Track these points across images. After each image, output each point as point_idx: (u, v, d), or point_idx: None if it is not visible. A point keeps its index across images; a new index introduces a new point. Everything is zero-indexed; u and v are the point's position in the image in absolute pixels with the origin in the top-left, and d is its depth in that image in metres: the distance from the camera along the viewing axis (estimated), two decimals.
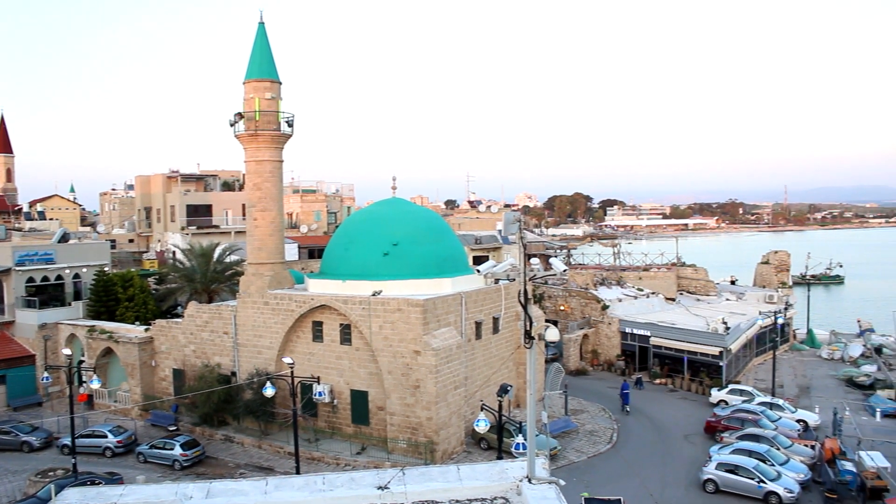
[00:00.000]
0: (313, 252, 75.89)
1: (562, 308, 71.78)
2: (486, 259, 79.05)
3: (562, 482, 17.08)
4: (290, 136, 50.27)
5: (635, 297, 74.65)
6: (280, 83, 49.79)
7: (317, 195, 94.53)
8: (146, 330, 55.52)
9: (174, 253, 73.47)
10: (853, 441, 45.28)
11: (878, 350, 76.22)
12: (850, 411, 52.48)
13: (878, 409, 54.37)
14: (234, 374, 49.46)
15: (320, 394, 45.26)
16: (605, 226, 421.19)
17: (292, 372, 38.48)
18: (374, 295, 43.45)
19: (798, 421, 50.84)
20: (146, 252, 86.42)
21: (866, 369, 66.79)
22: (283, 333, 47.10)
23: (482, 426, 33.82)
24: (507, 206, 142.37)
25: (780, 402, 53.84)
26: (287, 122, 49.98)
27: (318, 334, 46.73)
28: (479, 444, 45.37)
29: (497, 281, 51.17)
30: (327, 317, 45.99)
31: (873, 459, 40.09)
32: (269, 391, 38.31)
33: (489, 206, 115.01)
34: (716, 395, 56.98)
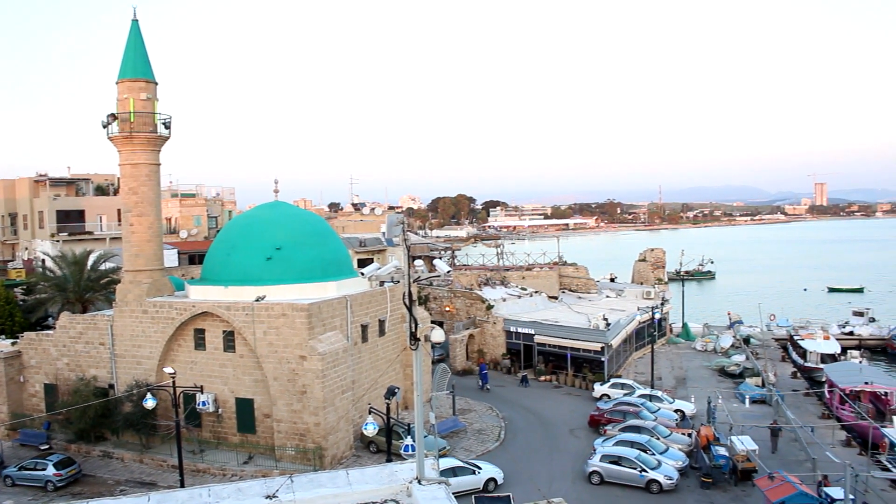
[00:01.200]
0: (194, 258, 73.72)
1: (447, 309, 72.31)
2: (370, 262, 78.60)
3: (451, 482, 17.19)
4: (168, 138, 48.62)
5: (519, 297, 75.97)
6: (156, 83, 48.12)
7: (196, 199, 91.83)
8: (13, 344, 52.50)
9: (43, 261, 69.91)
10: (726, 427, 47.60)
11: (747, 340, 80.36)
12: (722, 399, 55.06)
13: (747, 396, 57.43)
14: (111, 386, 47.40)
15: (204, 403, 43.99)
16: (489, 226, 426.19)
17: (174, 382, 37.27)
18: (257, 300, 42.59)
19: (676, 411, 52.96)
20: (12, 261, 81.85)
21: (736, 359, 70.29)
22: (164, 342, 45.51)
23: (371, 429, 33.67)
24: (391, 208, 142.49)
25: (659, 393, 55.93)
26: (164, 123, 48.31)
27: (200, 342, 45.39)
28: (369, 448, 45.15)
29: (382, 283, 51.05)
30: (210, 324, 44.75)
31: (743, 443, 42.47)
32: (149, 403, 36.96)
33: (373, 209, 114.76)
34: (599, 389, 58.65)
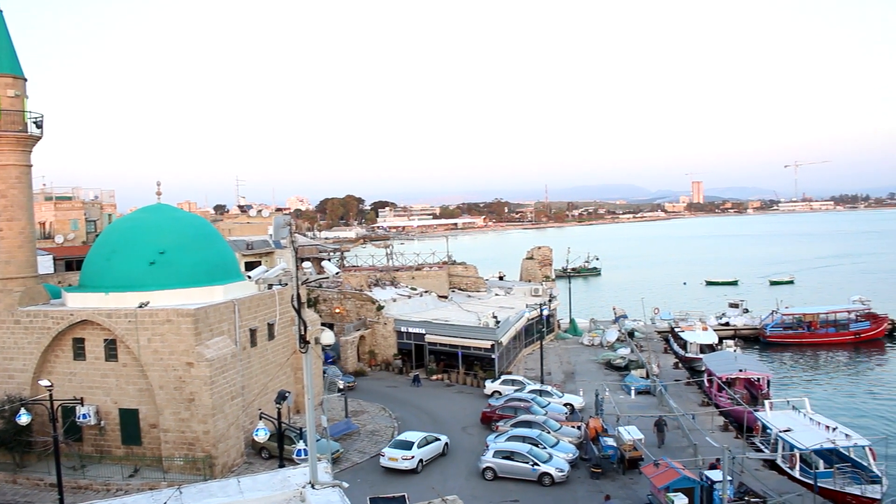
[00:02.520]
0: (71, 264, 70.40)
1: (337, 311, 71.75)
2: (258, 265, 76.99)
3: (345, 484, 17.07)
4: (40, 138, 46.23)
5: (409, 297, 76.15)
6: (25, 79, 45.72)
7: (73, 202, 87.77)
8: None
9: None
10: (613, 418, 49.07)
11: (631, 334, 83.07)
12: (609, 392, 56.72)
13: (632, 388, 59.47)
14: None
15: (84, 416, 42.02)
16: (378, 227, 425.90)
17: (51, 395, 35.50)
18: (140, 307, 41.11)
19: (565, 405, 54.24)
20: None
21: (621, 352, 72.57)
22: (39, 354, 43.28)
23: (262, 435, 33.07)
24: (278, 209, 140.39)
25: (549, 388, 57.15)
26: (35, 122, 45.90)
27: (79, 352, 43.41)
28: (261, 454, 44.31)
29: (270, 286, 50.08)
30: (90, 332, 42.87)
31: (630, 433, 43.90)
32: (23, 419, 35.15)
33: (260, 211, 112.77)
34: (490, 386, 59.41)
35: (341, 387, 59.10)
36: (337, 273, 25.18)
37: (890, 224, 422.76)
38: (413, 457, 42.64)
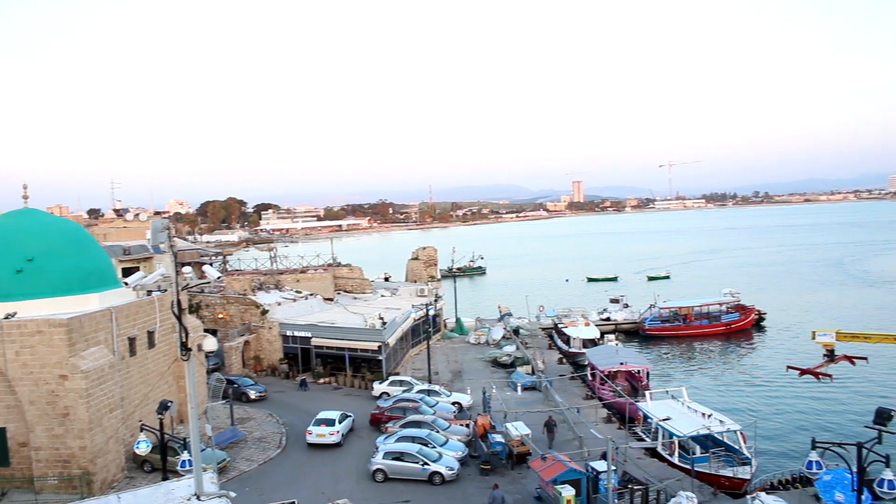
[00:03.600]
0: None
1: (220, 316, 69.93)
2: (136, 270, 74.48)
3: (232, 494, 16.65)
4: None
5: (294, 300, 75.00)
6: None
7: None
8: None
9: None
10: (500, 415, 49.76)
11: (516, 331, 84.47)
12: (496, 389, 57.45)
13: (518, 384, 60.47)
14: None
15: None
16: (261, 230, 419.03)
17: None
18: (7, 318, 38.85)
19: (454, 403, 54.56)
20: None
21: (507, 350, 73.65)
22: None
23: (143, 448, 31.87)
24: (156, 213, 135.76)
25: (437, 387, 57.39)
26: None
27: None
28: (143, 468, 42.63)
29: (149, 293, 48.41)
30: None
31: (517, 429, 44.58)
32: None
33: (137, 215, 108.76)
34: (378, 387, 59.20)
35: (253, 397, 57.73)
36: (219, 277, 24.59)
37: (755, 220, 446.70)
38: (338, 432, 47.21)
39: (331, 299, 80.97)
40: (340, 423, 48.09)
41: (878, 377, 64.27)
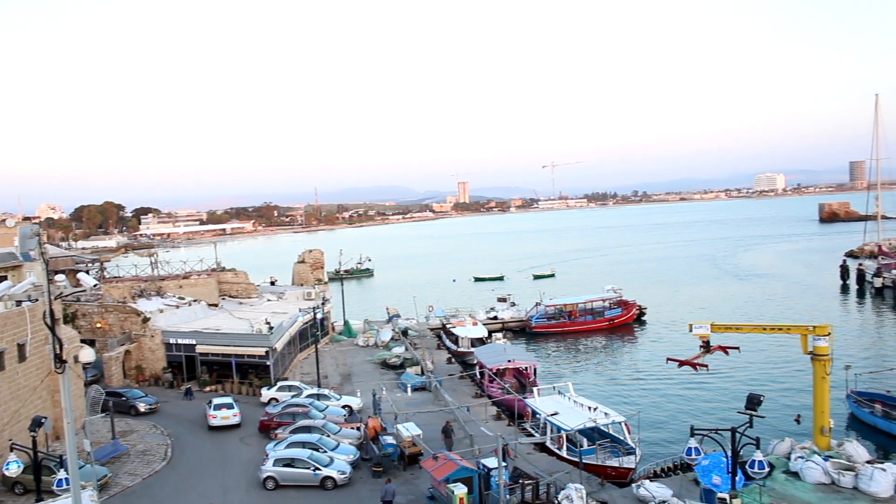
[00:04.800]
0: None
1: (99, 325, 67.12)
2: (4, 279, 70.57)
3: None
4: None
5: (177, 307, 72.78)
6: None
7: None
8: None
9: None
10: (391, 417, 49.69)
11: (405, 332, 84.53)
12: (386, 391, 57.38)
13: (408, 385, 60.57)
14: None
15: None
16: (141, 235, 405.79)
17: None
18: None
19: (344, 406, 54.19)
20: None
21: (396, 351, 73.63)
22: None
23: (14, 468, 30.28)
24: (26, 218, 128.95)
25: (327, 391, 56.84)
26: None
27: None
28: (14, 490, 40.33)
29: (19, 303, 45.92)
30: None
31: (408, 430, 44.69)
32: None
33: (4, 220, 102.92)
34: (266, 393, 58.12)
35: (143, 410, 55.39)
36: (96, 285, 23.61)
37: (634, 219, 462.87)
38: (238, 413, 51.62)
39: (216, 305, 78.98)
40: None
41: (749, 365, 67.73)
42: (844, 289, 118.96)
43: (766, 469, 32.68)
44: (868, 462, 38.02)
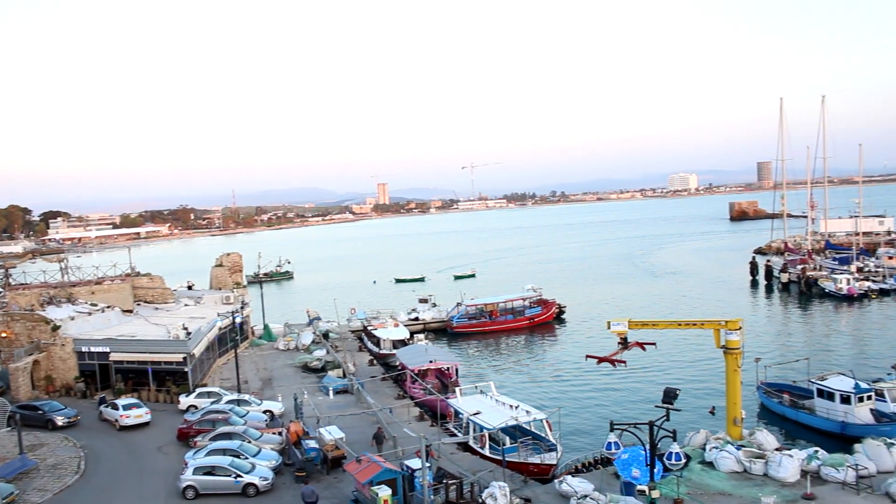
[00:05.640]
0: None
1: (4, 335, 64.47)
2: None
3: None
4: None
5: (90, 314, 70.51)
6: None
7: None
8: None
9: None
10: (314, 420, 49.23)
11: (326, 335, 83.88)
12: (308, 394, 56.87)
13: (330, 388, 60.15)
14: None
15: None
16: (50, 240, 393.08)
17: None
18: None
19: (265, 412, 53.46)
20: None
21: (317, 354, 72.97)
22: None
23: None
24: None
25: (247, 397, 55.99)
26: None
27: None
28: None
29: None
30: None
31: (331, 433, 44.42)
32: None
33: None
34: (184, 401, 56.84)
35: (61, 423, 53.18)
36: (0, 293, 22.67)
37: (553, 219, 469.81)
38: (149, 412, 52.70)
39: (131, 311, 76.86)
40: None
41: (666, 360, 69.51)
42: (754, 284, 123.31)
43: (683, 460, 33.72)
44: (777, 449, 39.69)
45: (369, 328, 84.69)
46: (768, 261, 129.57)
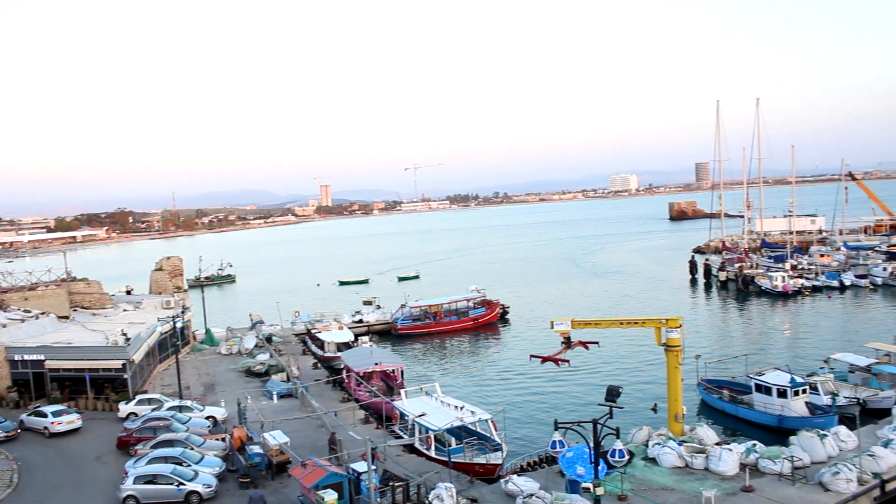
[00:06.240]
0: None
1: None
2: None
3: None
4: None
5: (23, 321, 68.62)
6: None
7: None
8: None
9: None
10: (257, 425, 48.62)
11: (269, 339, 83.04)
12: (251, 399, 56.10)
13: (274, 392, 59.56)
14: None
15: None
16: None
17: None
18: None
19: (208, 418, 52.66)
20: None
21: (261, 358, 72.19)
22: None
23: None
24: None
25: (189, 403, 55.04)
26: None
27: None
28: None
29: None
30: None
31: (275, 438, 43.92)
32: None
33: None
34: (124, 408, 55.67)
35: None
36: None
37: (496, 220, 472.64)
38: (80, 417, 52.62)
39: (67, 317, 74.99)
40: None
41: (608, 359, 70.43)
42: (693, 283, 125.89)
43: (626, 457, 34.22)
44: (717, 444, 40.56)
45: (313, 331, 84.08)
46: (707, 259, 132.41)
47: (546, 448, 40.78)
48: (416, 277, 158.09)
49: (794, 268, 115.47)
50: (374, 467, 34.38)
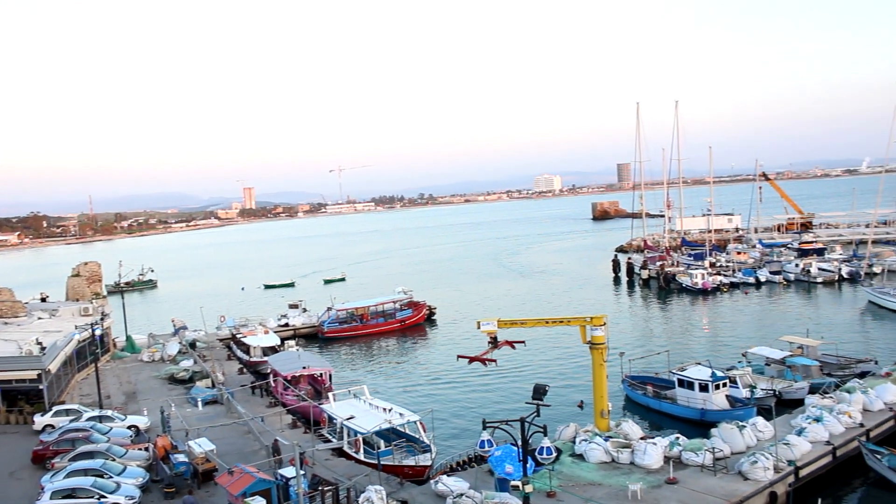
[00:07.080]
0: None
1: None
2: None
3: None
4: None
5: None
6: None
7: None
8: None
9: None
10: (182, 433, 47.57)
11: (193, 345, 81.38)
12: (175, 407, 54.88)
13: (199, 399, 58.41)
14: None
15: None
16: None
17: None
18: None
19: (130, 427, 51.25)
20: None
21: (184, 364, 70.73)
22: None
23: None
24: None
25: (110, 412, 53.50)
26: None
27: None
28: None
29: None
30: None
31: (201, 445, 43.09)
32: None
33: None
34: (40, 420, 53.71)
35: None
36: None
37: (421, 221, 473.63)
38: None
39: None
40: None
41: (535, 357, 71.23)
42: (616, 281, 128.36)
43: (554, 454, 34.62)
44: (642, 438, 41.49)
45: (238, 336, 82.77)
46: (629, 258, 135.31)
47: (475, 447, 40.99)
48: (343, 280, 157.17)
49: (712, 265, 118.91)
50: (302, 472, 34.01)
